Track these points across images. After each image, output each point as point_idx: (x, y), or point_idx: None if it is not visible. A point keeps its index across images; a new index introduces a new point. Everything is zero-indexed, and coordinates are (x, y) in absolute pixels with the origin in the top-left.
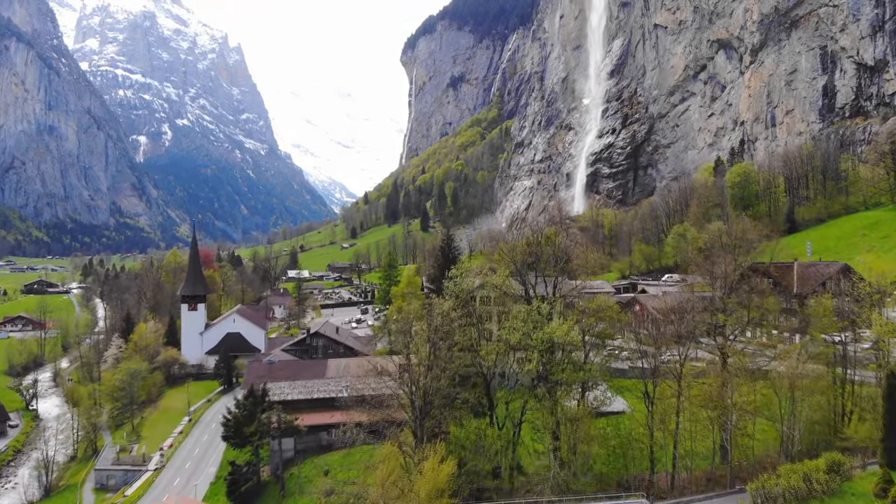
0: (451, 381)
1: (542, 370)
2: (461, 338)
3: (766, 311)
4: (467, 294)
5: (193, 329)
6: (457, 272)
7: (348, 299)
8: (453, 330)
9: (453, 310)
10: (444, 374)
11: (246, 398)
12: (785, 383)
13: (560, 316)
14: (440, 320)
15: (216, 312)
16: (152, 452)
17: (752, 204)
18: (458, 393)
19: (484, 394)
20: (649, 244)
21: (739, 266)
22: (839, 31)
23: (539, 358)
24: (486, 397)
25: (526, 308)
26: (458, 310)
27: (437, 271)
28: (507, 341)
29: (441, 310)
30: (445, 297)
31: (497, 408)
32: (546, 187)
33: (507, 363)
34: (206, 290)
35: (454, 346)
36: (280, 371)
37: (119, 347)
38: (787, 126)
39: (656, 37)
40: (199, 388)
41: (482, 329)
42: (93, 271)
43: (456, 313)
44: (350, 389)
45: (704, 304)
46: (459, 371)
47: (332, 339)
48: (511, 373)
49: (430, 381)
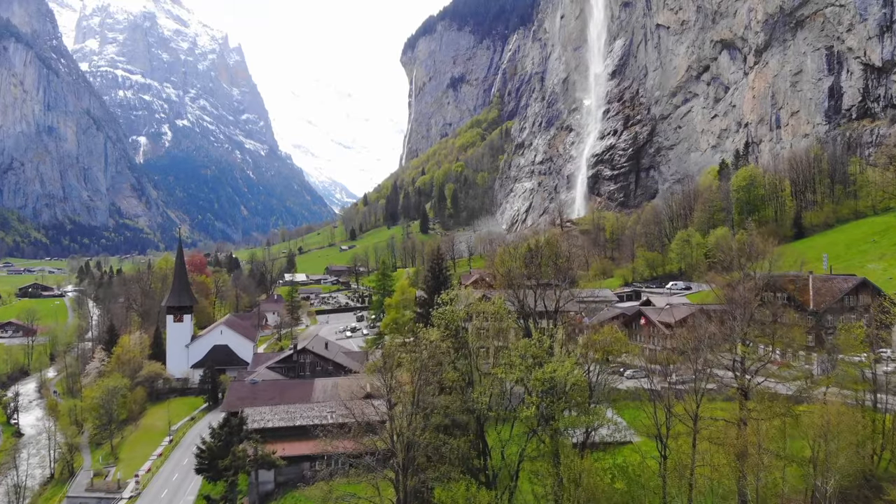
0: (438, 429)
1: (544, 413)
2: (451, 375)
3: (791, 341)
4: (457, 325)
5: (179, 341)
6: (446, 298)
7: (345, 304)
8: (442, 365)
9: (442, 341)
10: (430, 424)
11: (221, 427)
12: (815, 421)
13: (562, 346)
14: (426, 357)
15: (209, 319)
16: (128, 478)
17: (758, 208)
18: (446, 441)
19: (476, 436)
20: (653, 250)
21: (759, 290)
22: (846, 32)
23: (539, 402)
24: (479, 440)
25: (524, 342)
26: (447, 340)
27: (428, 293)
28: (503, 381)
29: (428, 350)
30: (433, 327)
31: (492, 454)
32: (546, 189)
33: (504, 404)
34: (192, 300)
35: (443, 389)
36: (264, 392)
37: (102, 361)
38: (792, 128)
39: (658, 37)
40: (182, 405)
41: (475, 364)
42: (88, 274)
43: (445, 345)
44: (335, 416)
45: (721, 332)
46: (448, 417)
47: (319, 356)
48: (508, 413)
49: (413, 432)
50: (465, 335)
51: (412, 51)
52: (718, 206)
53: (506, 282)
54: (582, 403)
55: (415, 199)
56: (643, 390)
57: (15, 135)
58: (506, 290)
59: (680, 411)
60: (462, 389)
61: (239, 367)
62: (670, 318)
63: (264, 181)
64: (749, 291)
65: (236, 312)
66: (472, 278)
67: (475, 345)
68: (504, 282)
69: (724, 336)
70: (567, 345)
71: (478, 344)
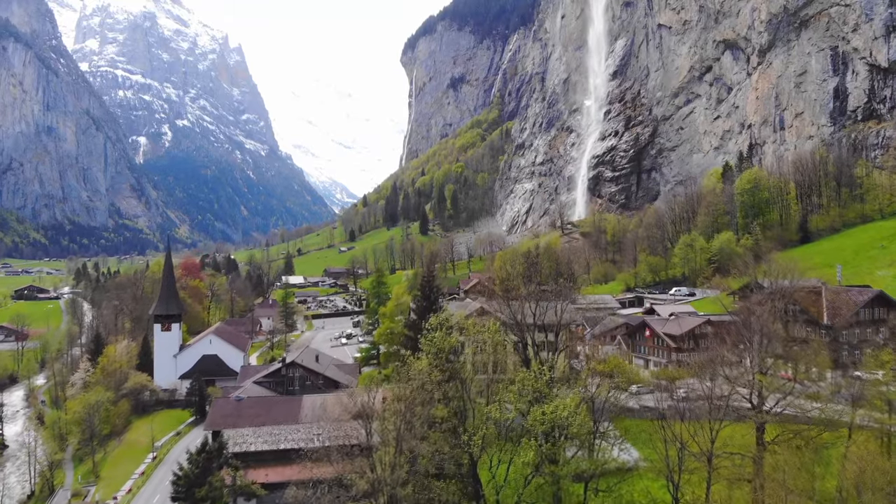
0: (427, 474)
1: (544, 455)
2: (441, 412)
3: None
4: (448, 352)
5: (167, 351)
6: (435, 322)
7: (342, 308)
8: (430, 403)
9: (431, 372)
10: (416, 469)
11: (199, 452)
12: (848, 470)
13: (564, 372)
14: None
15: (203, 324)
16: (107, 499)
17: (763, 212)
18: (435, 487)
19: (469, 475)
20: (655, 254)
21: (780, 314)
22: (851, 32)
23: (538, 444)
24: (471, 480)
25: (522, 376)
26: (436, 371)
27: (418, 313)
28: (498, 421)
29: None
30: (423, 354)
31: (486, 497)
32: (547, 190)
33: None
34: (180, 308)
35: (433, 424)
36: (249, 409)
37: (87, 371)
38: (796, 129)
39: (660, 37)
40: (169, 419)
41: (469, 396)
42: (85, 276)
43: (434, 376)
44: (321, 438)
45: (734, 352)
46: (436, 459)
47: (309, 370)
48: (504, 452)
49: (396, 482)
50: (457, 364)
51: (412, 51)
52: (722, 210)
53: (505, 302)
54: (585, 439)
55: (414, 200)
56: (654, 427)
57: (14, 135)
58: (503, 307)
59: (694, 449)
60: (453, 428)
61: (228, 378)
62: (676, 329)
63: (264, 181)
64: (767, 314)
65: (231, 317)
66: (471, 283)
67: (469, 376)
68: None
69: (738, 355)
70: (568, 369)
71: (472, 374)
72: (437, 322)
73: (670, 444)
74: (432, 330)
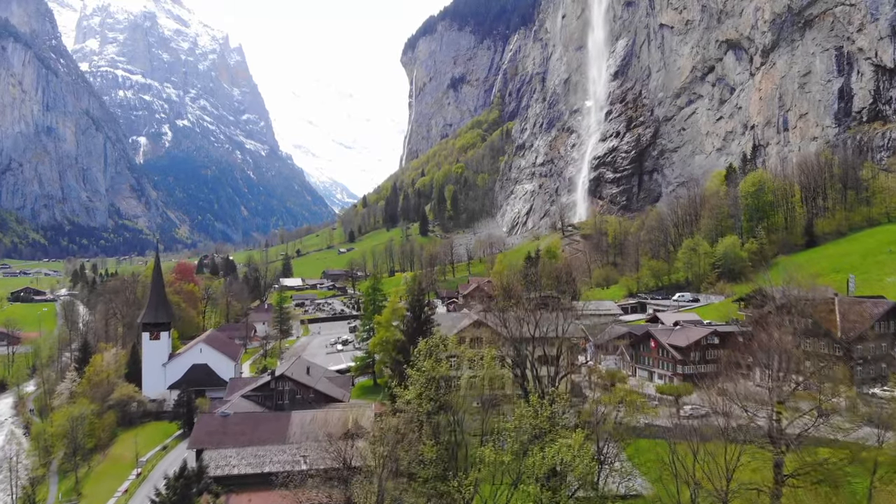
0: None
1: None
2: (430, 452)
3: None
4: (439, 380)
5: (156, 360)
6: (424, 348)
7: (340, 311)
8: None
9: (420, 405)
10: None
11: (177, 477)
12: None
13: (565, 404)
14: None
15: (197, 329)
16: None
17: (768, 215)
18: None
19: None
20: (657, 258)
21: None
22: (856, 32)
23: (538, 492)
24: None
25: (520, 412)
26: (427, 402)
27: (407, 335)
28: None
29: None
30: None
31: None
32: (547, 191)
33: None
34: (170, 316)
35: (422, 462)
36: (235, 426)
37: (73, 381)
38: (800, 130)
39: (662, 37)
40: (156, 431)
41: (460, 431)
42: (82, 277)
43: (424, 408)
44: (309, 460)
45: (746, 363)
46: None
47: (299, 384)
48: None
49: None
50: (448, 395)
51: (412, 51)
52: (726, 213)
53: (502, 322)
54: (590, 481)
55: (414, 200)
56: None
57: (13, 135)
58: (501, 327)
59: (708, 487)
60: (443, 473)
61: (219, 388)
62: (682, 340)
63: (265, 181)
64: (786, 335)
65: (227, 322)
66: (471, 287)
67: (462, 407)
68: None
69: (753, 380)
70: (570, 395)
71: (465, 405)
72: (427, 348)
73: (681, 481)
74: (422, 356)
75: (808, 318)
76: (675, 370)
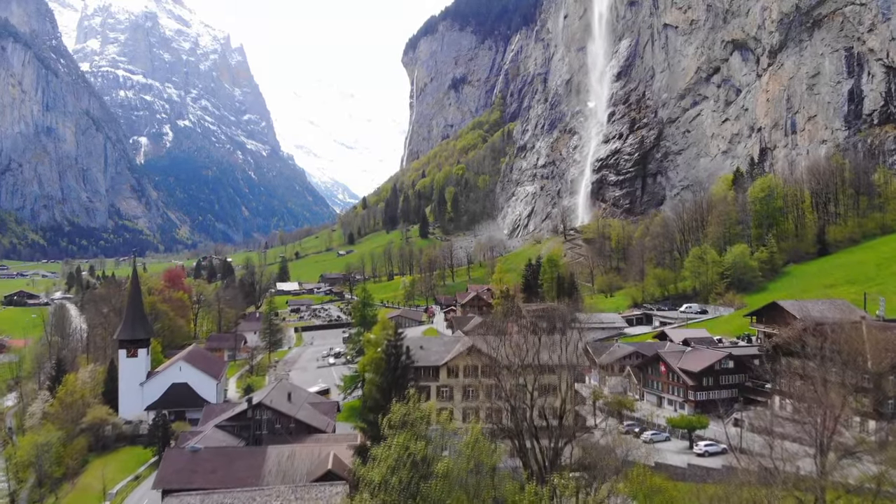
0: None
1: None
2: None
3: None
4: (415, 463)
5: (133, 379)
6: (398, 415)
7: (336, 318)
8: None
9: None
10: None
11: None
12: None
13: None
14: None
15: (187, 338)
16: None
17: (777, 222)
18: None
19: None
20: (663, 265)
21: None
22: (867, 32)
23: None
24: None
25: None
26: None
27: (380, 391)
28: None
29: None
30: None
31: None
32: (549, 194)
33: None
34: (149, 332)
35: None
36: (206, 463)
37: (45, 401)
38: (808, 133)
39: (666, 37)
40: (130, 457)
41: None
42: (78, 280)
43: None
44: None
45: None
46: None
47: (279, 413)
48: None
49: None
50: (426, 486)
51: (413, 51)
52: (734, 220)
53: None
54: None
55: (414, 202)
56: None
57: (13, 135)
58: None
59: None
60: None
61: (200, 409)
62: (694, 364)
63: (266, 182)
64: (837, 395)
65: (218, 331)
66: (469, 296)
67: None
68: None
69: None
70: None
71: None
72: (401, 418)
73: None
74: (393, 428)
75: (837, 347)
76: (686, 396)
